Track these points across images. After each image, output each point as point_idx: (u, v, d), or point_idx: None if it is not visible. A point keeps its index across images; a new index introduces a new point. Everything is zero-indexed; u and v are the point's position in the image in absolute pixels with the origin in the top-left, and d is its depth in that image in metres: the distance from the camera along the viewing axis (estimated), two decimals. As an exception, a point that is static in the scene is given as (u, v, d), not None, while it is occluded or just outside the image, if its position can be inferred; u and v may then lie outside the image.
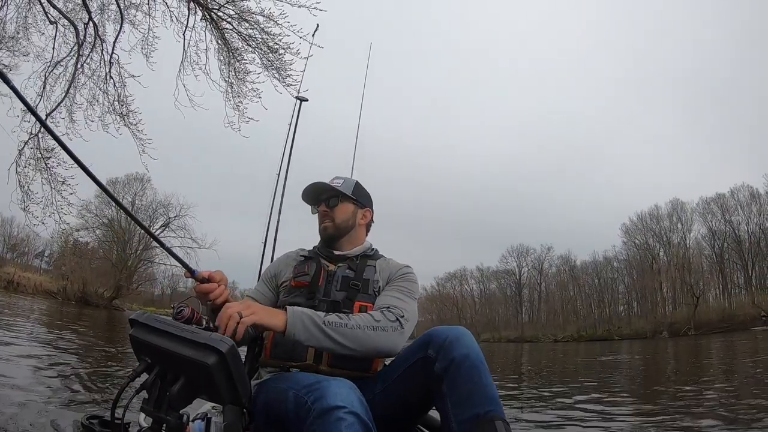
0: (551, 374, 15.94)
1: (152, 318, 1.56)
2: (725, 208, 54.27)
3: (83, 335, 14.21)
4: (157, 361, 1.51)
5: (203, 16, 10.53)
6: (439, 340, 1.78)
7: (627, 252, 62.34)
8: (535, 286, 72.94)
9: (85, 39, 10.59)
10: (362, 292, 2.21)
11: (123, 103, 10.91)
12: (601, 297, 64.94)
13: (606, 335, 56.53)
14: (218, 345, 1.44)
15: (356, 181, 2.50)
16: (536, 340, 60.90)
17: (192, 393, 1.52)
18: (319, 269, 2.28)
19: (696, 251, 56.50)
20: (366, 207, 2.48)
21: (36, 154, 10.71)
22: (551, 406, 8.17)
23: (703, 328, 46.24)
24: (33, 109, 1.37)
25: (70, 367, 7.72)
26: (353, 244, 2.41)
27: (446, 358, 1.73)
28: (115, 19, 10.73)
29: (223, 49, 10.78)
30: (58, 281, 44.58)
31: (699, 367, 15.10)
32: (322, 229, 2.39)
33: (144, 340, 1.51)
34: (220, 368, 1.44)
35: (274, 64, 10.30)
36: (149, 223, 48.67)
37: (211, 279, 1.85)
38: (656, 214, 58.78)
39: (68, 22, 10.36)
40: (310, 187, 2.42)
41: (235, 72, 10.82)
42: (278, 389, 1.78)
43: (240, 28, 10.48)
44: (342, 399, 1.48)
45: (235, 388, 1.50)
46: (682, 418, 6.58)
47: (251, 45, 10.45)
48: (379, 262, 2.36)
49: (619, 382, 12.52)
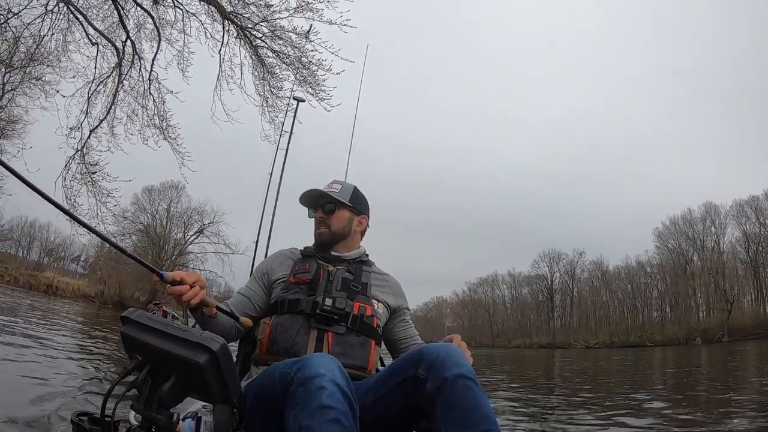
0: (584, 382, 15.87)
1: (144, 316, 1.57)
2: (759, 211, 53.17)
3: (103, 338, 14.43)
4: (148, 359, 1.52)
5: (237, 34, 10.87)
6: (429, 359, 1.74)
7: (660, 256, 61.55)
8: (567, 291, 72.30)
9: (123, 56, 11.02)
10: (361, 294, 2.26)
11: (163, 118, 11.36)
12: (634, 303, 64.00)
13: (638, 341, 55.76)
14: (210, 344, 1.45)
15: (354, 187, 2.52)
16: (568, 346, 60.36)
17: (183, 392, 1.53)
18: (319, 268, 2.31)
19: (730, 255, 55.43)
20: (362, 214, 2.50)
21: (81, 168, 11.18)
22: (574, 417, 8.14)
23: (737, 334, 45.15)
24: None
25: (68, 365, 7.73)
26: (348, 248, 2.44)
27: (438, 377, 1.69)
28: (152, 36, 11.17)
29: (258, 65, 11.06)
30: (96, 285, 45.71)
31: (734, 375, 14.87)
32: (317, 234, 2.43)
33: (136, 338, 1.52)
34: (211, 367, 1.45)
35: (307, 80, 10.53)
36: (184, 229, 49.74)
37: (182, 281, 1.83)
38: (689, 218, 57.93)
39: (108, 42, 10.84)
40: (308, 192, 2.45)
41: (270, 87, 11.12)
42: (265, 374, 1.84)
43: (273, 45, 10.76)
44: (323, 367, 1.53)
45: (226, 387, 1.51)
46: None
47: (285, 61, 10.73)
48: (373, 269, 2.45)
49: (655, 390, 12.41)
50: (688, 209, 58.03)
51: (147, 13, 10.85)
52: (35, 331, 11.60)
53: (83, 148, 11.02)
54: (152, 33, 11.15)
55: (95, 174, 11.16)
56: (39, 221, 57.90)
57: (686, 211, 58.08)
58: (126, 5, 10.63)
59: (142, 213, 48.42)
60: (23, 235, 58.37)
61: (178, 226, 50.47)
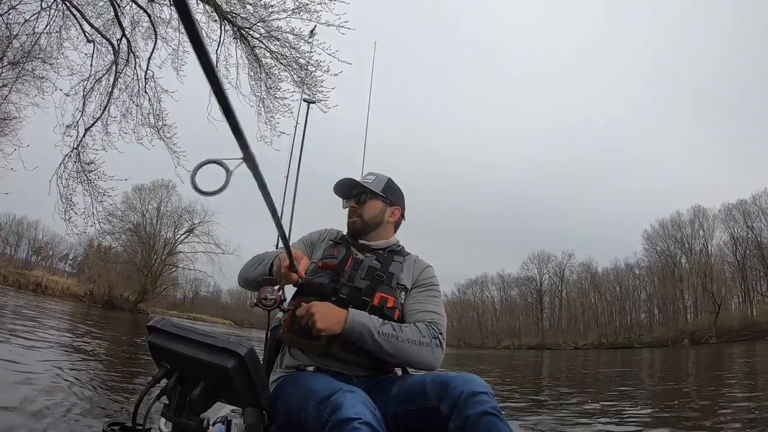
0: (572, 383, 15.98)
1: (170, 324, 1.59)
2: (747, 215, 53.56)
3: (108, 339, 14.38)
4: (176, 366, 1.52)
5: (234, 34, 10.84)
6: (452, 397, 1.76)
7: (648, 259, 61.91)
8: (556, 293, 72.54)
9: (119, 54, 10.97)
10: (385, 284, 2.25)
11: (158, 117, 11.30)
12: (623, 304, 64.25)
13: (627, 343, 56.00)
14: (237, 348, 1.46)
15: (388, 178, 2.51)
16: (557, 347, 60.53)
17: (212, 397, 1.54)
18: (348, 255, 2.32)
19: (718, 258, 55.76)
20: (395, 205, 2.50)
21: (77, 167, 11.13)
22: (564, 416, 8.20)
23: (724, 336, 45.58)
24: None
25: (93, 372, 7.80)
26: (380, 238, 2.44)
27: (461, 416, 1.71)
28: (147, 35, 11.12)
29: (254, 65, 11.04)
30: (85, 285, 45.36)
31: (719, 377, 15.03)
32: (350, 224, 2.44)
33: (163, 347, 1.53)
34: (239, 371, 1.46)
35: (305, 81, 10.53)
36: (174, 228, 49.64)
37: (298, 273, 2.01)
38: (678, 221, 58.29)
39: (105, 40, 10.78)
40: (341, 181, 2.45)
41: (266, 88, 11.10)
42: (298, 397, 1.85)
43: (270, 45, 10.73)
44: (356, 412, 1.57)
45: (255, 390, 1.51)
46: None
47: (282, 63, 10.71)
48: (407, 259, 2.42)
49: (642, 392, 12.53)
50: (677, 212, 58.51)
51: (143, 11, 10.81)
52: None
53: (79, 146, 10.97)
54: (148, 31, 11.13)
55: (91, 173, 11.09)
56: (27, 219, 57.46)
57: (675, 214, 58.55)
58: (122, 2, 10.59)
59: (132, 212, 47.94)
60: (11, 233, 57.85)
61: (168, 226, 50.09)
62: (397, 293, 2.25)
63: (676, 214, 58.39)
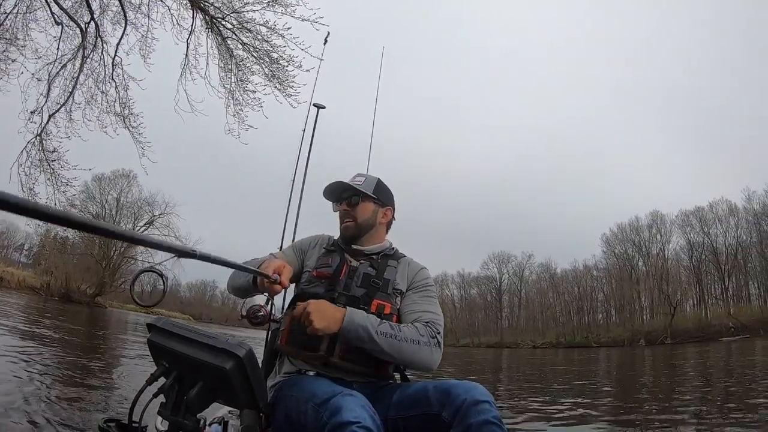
0: (531, 380, 16.18)
1: (170, 323, 1.59)
2: (704, 221, 55.30)
3: (90, 336, 14.13)
4: (175, 365, 1.53)
5: (206, 23, 10.64)
6: (455, 404, 1.78)
7: (607, 261, 63.04)
8: (515, 292, 73.17)
9: (86, 38, 10.61)
10: (381, 290, 2.23)
11: (125, 105, 10.95)
12: (581, 305, 65.29)
13: (584, 342, 56.97)
14: (236, 350, 1.46)
15: (378, 179, 2.49)
16: (515, 346, 61.14)
17: (209, 397, 1.54)
18: (342, 263, 2.29)
19: (674, 262, 57.32)
20: (387, 206, 2.49)
21: (40, 155, 10.70)
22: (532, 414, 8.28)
23: (679, 336, 46.83)
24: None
25: (86, 369, 7.68)
26: (373, 242, 2.43)
27: (463, 424, 1.73)
28: (116, 19, 10.79)
29: (225, 56, 10.83)
30: (41, 277, 44.10)
31: (673, 375, 15.41)
32: (343, 228, 2.41)
33: (162, 345, 1.54)
34: (237, 373, 1.46)
35: (276, 75, 10.42)
36: (134, 219, 48.63)
37: (281, 284, 1.95)
38: (636, 226, 59.69)
39: (73, 22, 10.45)
40: (331, 185, 2.43)
41: (237, 80, 10.90)
42: (298, 400, 1.84)
43: (243, 37, 10.56)
44: (355, 415, 1.58)
45: (253, 392, 1.52)
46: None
47: (254, 55, 10.55)
48: (401, 262, 2.39)
49: (598, 389, 12.76)
50: (636, 217, 59.87)
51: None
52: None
53: (42, 132, 10.59)
54: (117, 16, 10.78)
55: (54, 161, 10.77)
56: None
57: (633, 218, 59.94)
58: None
59: (90, 202, 46.93)
60: (-38, 222, 56.10)
61: (127, 217, 49.16)
62: (393, 299, 2.24)
63: (635, 218, 59.88)
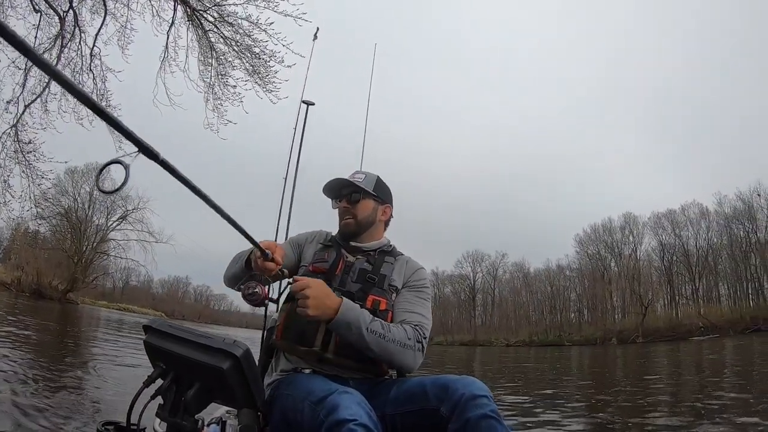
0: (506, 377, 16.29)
1: (166, 324, 1.59)
2: (675, 224, 56.45)
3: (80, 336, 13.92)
4: (172, 366, 1.52)
5: (187, 15, 10.51)
6: (453, 399, 1.78)
7: (579, 261, 63.90)
8: (488, 291, 73.78)
9: (64, 27, 10.39)
10: (377, 286, 2.22)
11: (102, 97, 10.69)
12: (553, 304, 66.10)
13: (557, 341, 57.63)
14: (233, 350, 1.47)
15: (377, 177, 2.48)
16: (489, 344, 61.58)
17: (207, 398, 1.54)
18: (339, 258, 2.29)
19: (646, 263, 58.39)
20: (386, 203, 2.48)
21: (15, 146, 10.52)
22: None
23: (650, 336, 47.75)
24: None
25: (81, 371, 7.61)
26: (372, 239, 2.42)
27: (461, 418, 1.73)
28: (95, 9, 10.57)
29: (206, 49, 10.70)
30: (11, 272, 43.20)
31: (644, 372, 15.63)
32: (343, 225, 2.40)
33: (159, 346, 1.53)
34: (234, 373, 1.46)
35: (257, 70, 10.33)
36: (107, 214, 47.99)
37: (275, 261, 1.97)
38: (609, 227, 60.59)
39: (52, 10, 10.23)
40: (331, 182, 2.41)
41: (217, 75, 10.79)
42: (294, 399, 1.85)
43: (224, 30, 10.44)
44: (352, 413, 1.58)
45: (250, 391, 1.52)
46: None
47: (235, 49, 10.43)
48: (398, 260, 2.39)
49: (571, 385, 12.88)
50: (609, 218, 60.76)
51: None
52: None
53: (17, 123, 10.39)
54: (96, 5, 10.54)
55: (29, 153, 10.58)
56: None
57: (606, 220, 60.85)
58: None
59: (63, 196, 45.95)
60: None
61: (100, 211, 48.39)
62: (389, 295, 2.24)
63: (608, 220, 60.80)
